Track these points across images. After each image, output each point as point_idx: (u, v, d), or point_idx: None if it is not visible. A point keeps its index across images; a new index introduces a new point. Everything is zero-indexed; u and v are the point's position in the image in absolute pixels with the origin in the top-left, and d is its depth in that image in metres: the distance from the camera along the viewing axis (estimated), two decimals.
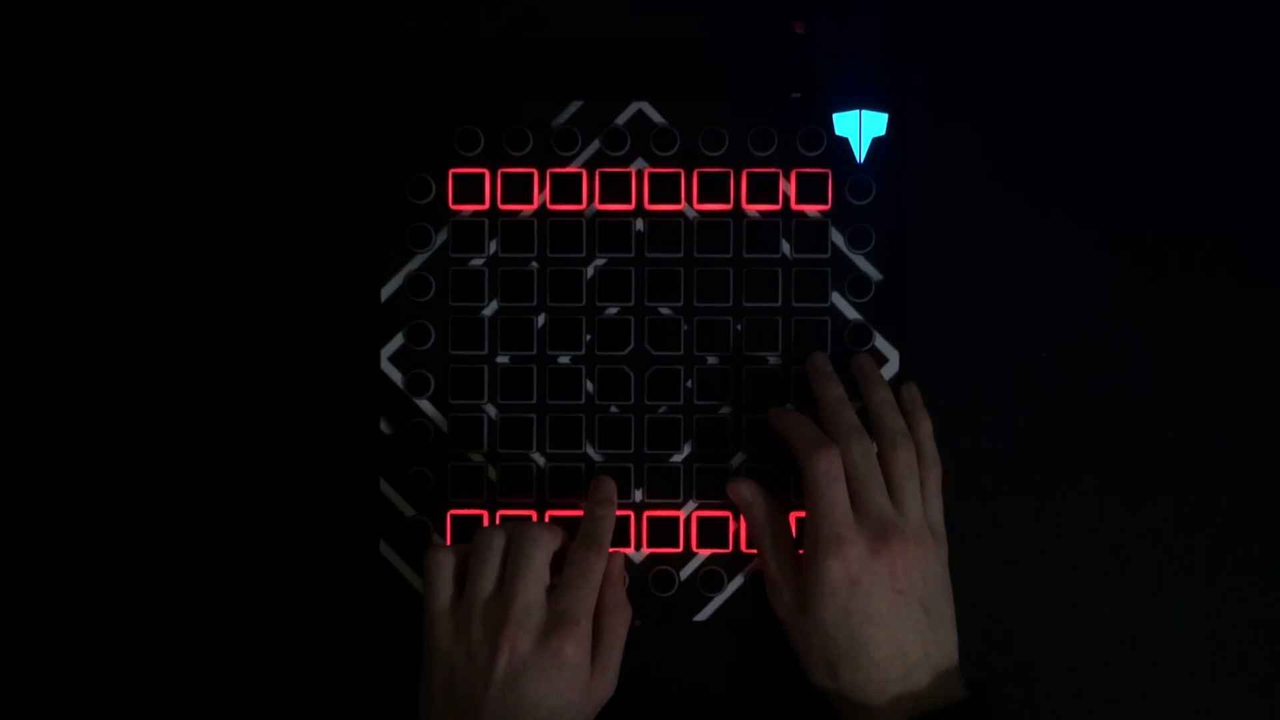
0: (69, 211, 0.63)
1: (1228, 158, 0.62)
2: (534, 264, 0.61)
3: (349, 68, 0.63)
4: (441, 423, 0.61)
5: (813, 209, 0.61)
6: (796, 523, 0.60)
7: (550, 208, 0.61)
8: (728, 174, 0.61)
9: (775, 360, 0.61)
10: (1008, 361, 0.62)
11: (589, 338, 0.61)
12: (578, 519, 0.60)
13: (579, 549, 0.58)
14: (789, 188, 0.61)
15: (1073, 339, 0.62)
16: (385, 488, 0.61)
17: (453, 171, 0.61)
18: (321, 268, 0.62)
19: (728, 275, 0.61)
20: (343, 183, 0.62)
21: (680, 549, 0.61)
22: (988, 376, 0.62)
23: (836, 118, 0.59)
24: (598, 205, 0.61)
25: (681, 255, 0.61)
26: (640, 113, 0.61)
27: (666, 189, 0.61)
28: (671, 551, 0.61)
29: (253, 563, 0.62)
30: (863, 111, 0.58)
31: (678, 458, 0.61)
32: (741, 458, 0.61)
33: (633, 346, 0.61)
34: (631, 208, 0.61)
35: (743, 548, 0.61)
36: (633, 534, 0.61)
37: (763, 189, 0.61)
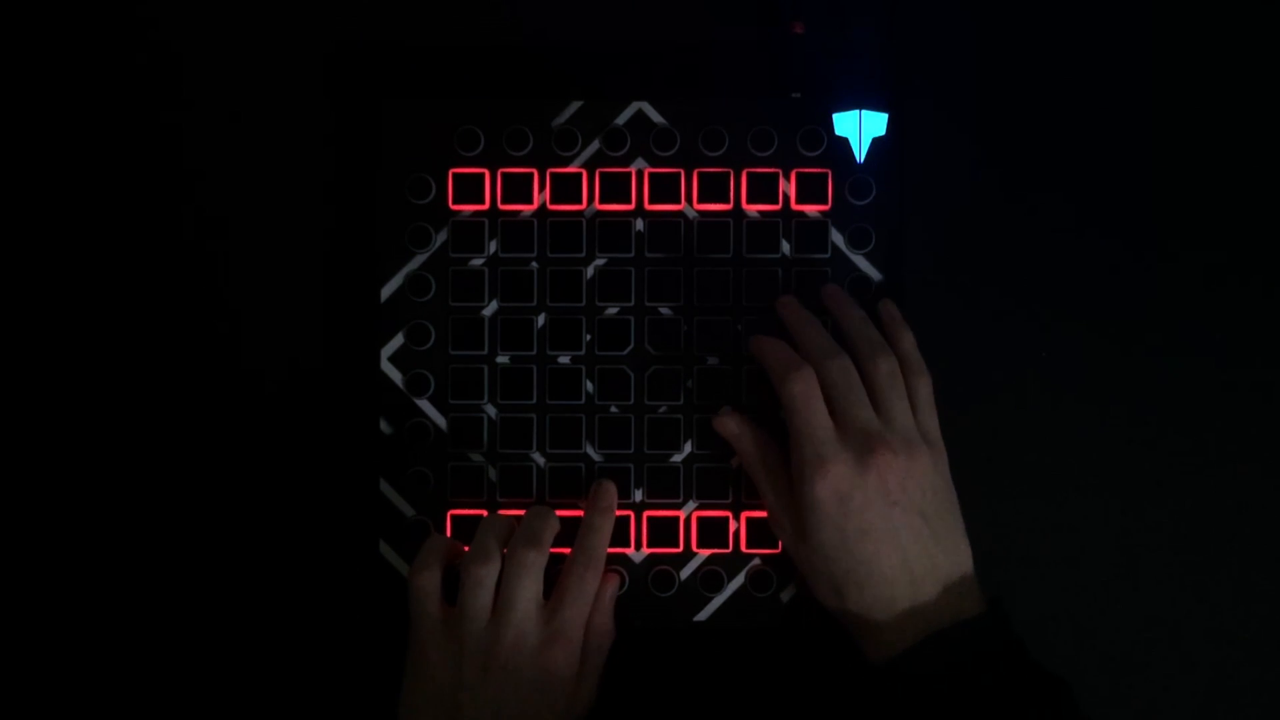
0: (68, 210, 0.63)
1: (1226, 157, 0.62)
2: (534, 264, 0.61)
3: (349, 68, 0.63)
4: (441, 423, 0.61)
5: (813, 209, 0.61)
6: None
7: (550, 208, 0.61)
8: (728, 174, 0.61)
9: None
10: (1007, 361, 0.62)
11: (589, 338, 0.61)
12: (577, 519, 0.60)
13: (576, 567, 0.58)
14: (789, 188, 0.61)
15: (1072, 339, 0.62)
16: (385, 488, 0.61)
17: (453, 171, 0.61)
18: (321, 268, 0.62)
19: (728, 275, 0.61)
20: (343, 182, 0.62)
21: (680, 549, 0.61)
22: (987, 376, 0.62)
23: (836, 118, 0.59)
24: (598, 205, 0.61)
25: (681, 255, 0.61)
26: (640, 113, 0.61)
27: (666, 189, 0.61)
28: (671, 551, 0.61)
29: (252, 562, 0.62)
30: (863, 111, 0.58)
31: (678, 458, 0.61)
32: None
33: (633, 346, 0.61)
34: (631, 208, 0.61)
35: (743, 548, 0.61)
36: (633, 534, 0.61)
37: (763, 189, 0.61)
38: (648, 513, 0.61)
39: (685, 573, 0.61)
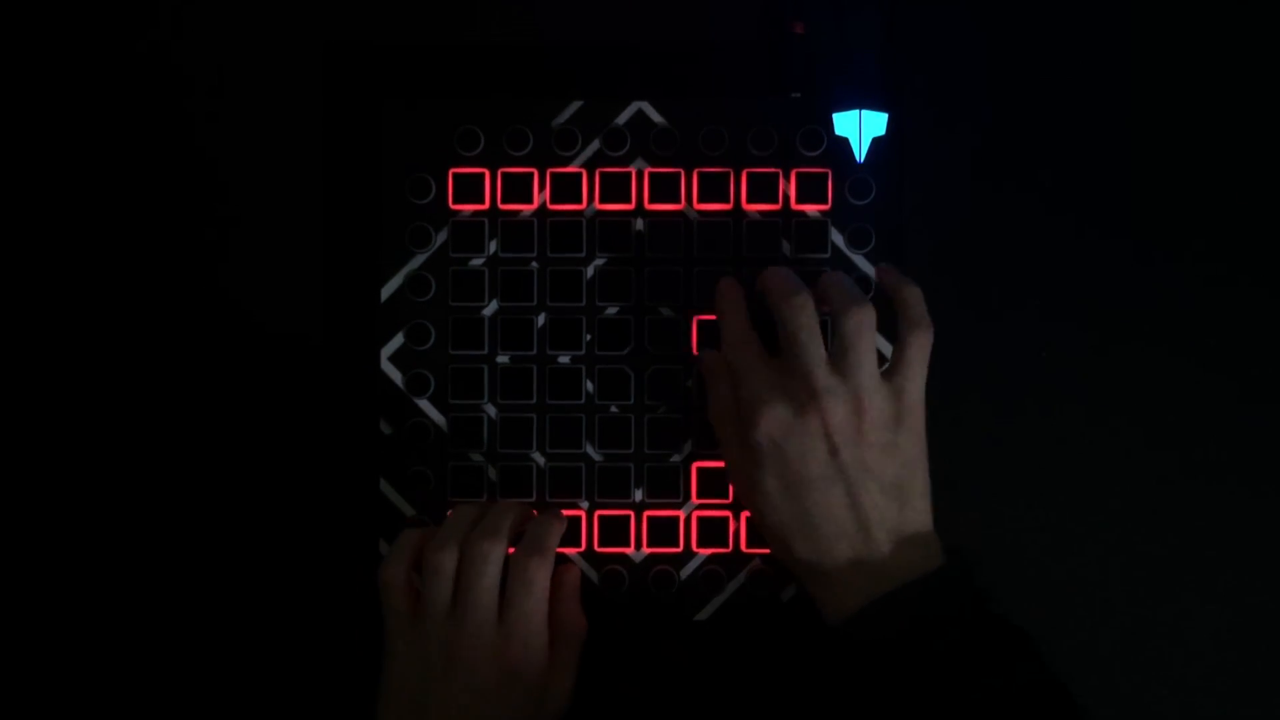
0: (68, 209, 0.63)
1: (1227, 157, 0.62)
2: (534, 264, 0.61)
3: (349, 68, 0.63)
4: (441, 423, 0.61)
5: (813, 209, 0.61)
6: None
7: (550, 207, 0.61)
8: (728, 174, 0.61)
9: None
10: (1007, 361, 0.62)
11: (589, 338, 0.61)
12: (577, 518, 0.60)
13: (520, 556, 0.57)
14: (789, 188, 0.61)
15: (1072, 339, 0.62)
16: (385, 488, 0.61)
17: (453, 171, 0.61)
18: (321, 268, 0.62)
19: (728, 275, 0.61)
20: (343, 182, 0.62)
21: (680, 549, 0.61)
22: (987, 376, 0.62)
23: (836, 118, 0.59)
24: (598, 205, 0.61)
25: (681, 255, 0.61)
26: (640, 113, 0.61)
27: (666, 189, 0.61)
28: (671, 551, 0.61)
29: (252, 562, 0.62)
30: (863, 111, 0.58)
31: (678, 458, 0.61)
32: None
33: (633, 346, 0.61)
34: (631, 208, 0.61)
35: (743, 548, 0.61)
36: (633, 534, 0.61)
37: (763, 189, 0.61)
38: (648, 513, 0.61)
39: (685, 573, 0.61)
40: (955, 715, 0.50)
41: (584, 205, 0.61)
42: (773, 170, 0.61)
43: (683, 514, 0.61)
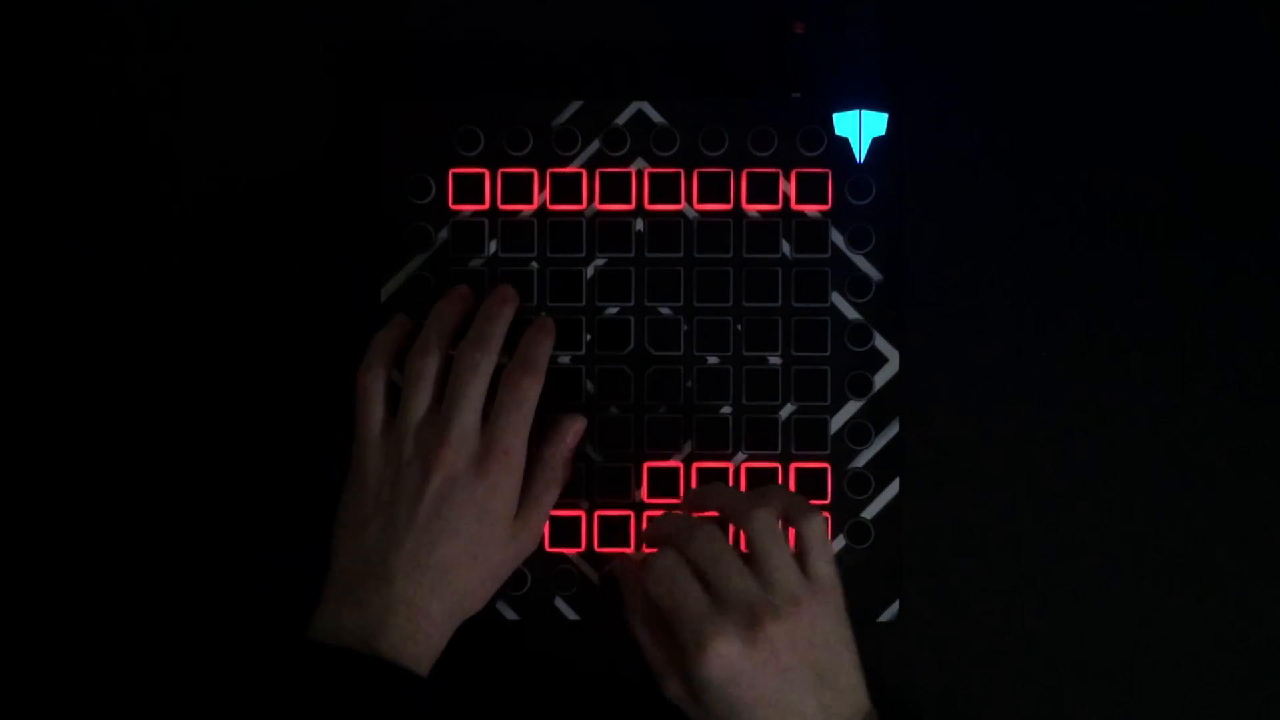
0: (67, 209, 0.63)
1: (1228, 157, 0.62)
2: (534, 264, 0.61)
3: (350, 67, 0.63)
4: None
5: (813, 209, 0.61)
6: None
7: (550, 208, 0.61)
8: (728, 174, 0.61)
9: (775, 360, 0.61)
10: (1007, 361, 0.62)
11: (589, 338, 0.61)
12: (577, 518, 0.60)
13: (512, 372, 0.56)
14: (789, 188, 0.61)
15: (1072, 339, 0.62)
16: None
17: (453, 171, 0.61)
18: (321, 268, 0.62)
19: (728, 275, 0.61)
20: (343, 182, 0.62)
21: None
22: (987, 376, 0.62)
23: (836, 118, 0.59)
24: (598, 205, 0.61)
25: (681, 255, 0.61)
26: (640, 113, 0.61)
27: (666, 189, 0.61)
28: None
29: (252, 563, 0.62)
30: (863, 111, 0.58)
31: (678, 457, 0.61)
32: (742, 457, 0.61)
33: (633, 346, 0.61)
34: (631, 208, 0.61)
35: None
36: (632, 534, 0.61)
37: (763, 189, 0.61)
38: (648, 512, 0.61)
39: None
40: None
41: (584, 205, 0.61)
42: (773, 170, 0.61)
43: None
